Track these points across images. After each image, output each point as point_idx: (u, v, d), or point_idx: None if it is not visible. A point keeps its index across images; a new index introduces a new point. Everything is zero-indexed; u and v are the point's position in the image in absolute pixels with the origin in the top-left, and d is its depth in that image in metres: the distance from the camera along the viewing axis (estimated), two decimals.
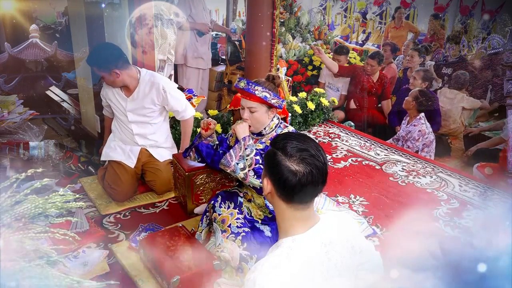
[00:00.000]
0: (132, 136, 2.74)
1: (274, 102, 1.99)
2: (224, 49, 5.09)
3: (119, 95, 2.70)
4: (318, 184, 1.18)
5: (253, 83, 1.98)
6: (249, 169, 1.98)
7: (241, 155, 1.98)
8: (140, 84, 2.66)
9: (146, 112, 2.69)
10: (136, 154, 2.74)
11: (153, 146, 2.80)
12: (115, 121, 2.81)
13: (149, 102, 2.67)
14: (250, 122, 2.05)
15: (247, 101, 2.01)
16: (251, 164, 1.98)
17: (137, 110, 2.68)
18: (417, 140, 3.74)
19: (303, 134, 1.28)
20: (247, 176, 1.98)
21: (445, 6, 7.64)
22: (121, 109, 2.71)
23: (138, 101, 2.67)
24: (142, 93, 2.66)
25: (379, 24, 7.89)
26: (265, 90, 1.97)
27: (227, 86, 4.76)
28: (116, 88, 2.68)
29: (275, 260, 1.15)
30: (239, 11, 6.70)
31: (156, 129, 2.78)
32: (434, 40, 6.52)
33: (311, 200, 1.21)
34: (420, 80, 4.19)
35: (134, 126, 2.72)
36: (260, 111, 2.02)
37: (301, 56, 5.37)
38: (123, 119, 2.73)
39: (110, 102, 2.75)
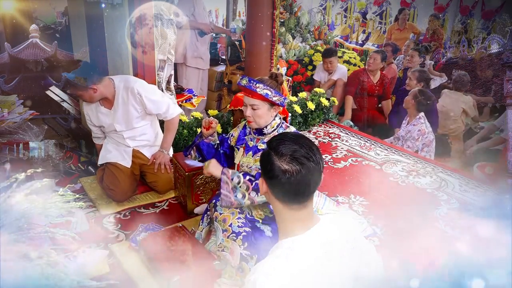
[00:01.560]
0: (123, 140, 2.74)
1: (276, 99, 2.00)
2: (224, 49, 5.09)
3: (101, 113, 2.67)
4: (310, 184, 1.18)
5: (254, 81, 1.99)
6: (249, 192, 1.99)
7: (233, 187, 1.99)
8: (117, 92, 2.63)
9: (132, 117, 2.67)
10: (130, 153, 2.75)
11: (145, 146, 2.80)
12: (105, 132, 2.82)
13: (131, 108, 2.64)
14: (252, 119, 2.06)
15: (249, 99, 2.03)
16: (248, 188, 1.99)
17: (123, 118, 2.66)
18: (417, 140, 3.74)
19: (298, 134, 1.28)
20: (253, 199, 1.99)
21: (445, 6, 7.64)
22: (109, 124, 2.69)
23: (120, 110, 2.64)
24: (122, 100, 2.63)
25: (379, 24, 7.89)
26: (267, 88, 1.98)
27: (227, 86, 4.76)
28: (97, 107, 2.66)
29: (275, 262, 1.15)
30: (239, 11, 6.69)
31: (145, 129, 2.78)
32: (434, 40, 6.52)
33: (305, 200, 1.21)
34: (415, 80, 4.20)
35: (124, 133, 2.71)
36: (262, 109, 2.03)
37: (301, 56, 5.37)
38: (112, 131, 2.73)
39: (98, 123, 2.72)
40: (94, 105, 2.68)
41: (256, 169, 2.07)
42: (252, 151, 2.14)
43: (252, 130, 2.18)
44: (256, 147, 2.13)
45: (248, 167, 2.11)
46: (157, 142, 2.86)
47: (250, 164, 2.11)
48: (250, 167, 2.10)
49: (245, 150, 2.18)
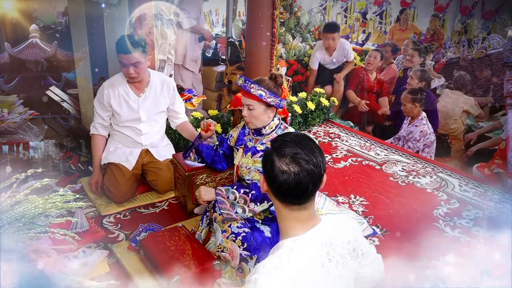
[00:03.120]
0: (138, 137, 2.71)
1: (270, 101, 2.00)
2: (224, 49, 5.09)
3: (128, 96, 2.60)
4: (308, 187, 1.18)
5: (250, 81, 2.00)
6: (248, 205, 1.99)
7: (231, 205, 2.01)
8: (151, 82, 2.64)
9: (158, 110, 2.70)
10: (136, 156, 2.73)
11: (154, 146, 2.80)
12: (115, 126, 2.72)
13: (162, 100, 2.68)
14: (248, 119, 2.07)
15: (246, 99, 2.04)
16: (246, 201, 2.00)
17: (150, 109, 2.66)
18: (418, 141, 3.75)
19: (302, 135, 1.28)
20: (253, 210, 2.00)
21: (445, 6, 7.64)
22: (130, 110, 2.62)
23: (150, 100, 2.65)
24: (154, 91, 2.65)
25: (379, 24, 7.89)
26: (261, 89, 1.98)
27: (227, 86, 4.76)
28: (126, 89, 2.59)
29: (276, 262, 1.15)
30: (239, 11, 6.69)
31: (160, 127, 2.81)
32: (434, 40, 6.52)
33: (304, 202, 1.21)
34: (417, 80, 4.19)
35: (143, 126, 2.69)
36: (258, 109, 2.03)
37: (301, 56, 5.37)
38: (131, 121, 2.66)
39: (118, 108, 2.60)
40: (122, 87, 2.59)
41: (255, 170, 2.07)
42: (251, 152, 2.14)
43: (251, 131, 2.18)
44: (254, 148, 2.13)
45: (247, 168, 2.11)
46: (163, 142, 2.88)
47: (249, 165, 2.11)
48: (249, 168, 2.10)
49: (244, 151, 2.18)
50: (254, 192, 1.99)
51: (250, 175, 2.08)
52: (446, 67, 5.40)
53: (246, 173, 2.11)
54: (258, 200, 1.99)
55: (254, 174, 2.06)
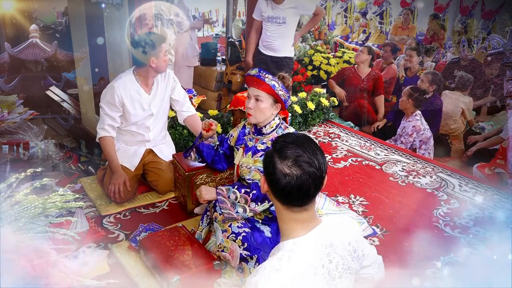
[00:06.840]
0: (145, 135, 2.72)
1: (281, 94, 2.03)
2: (224, 49, 5.10)
3: (140, 95, 2.60)
4: (310, 189, 1.17)
5: (264, 71, 2.03)
6: (248, 205, 2.00)
7: (232, 204, 2.02)
8: (157, 76, 2.67)
9: (164, 104, 2.73)
10: (140, 156, 2.73)
11: (158, 144, 2.81)
12: (122, 125, 2.70)
13: (167, 94, 2.72)
14: (252, 112, 2.06)
15: (255, 89, 2.04)
16: (247, 201, 2.00)
17: (158, 104, 2.69)
18: (410, 135, 3.73)
19: (303, 136, 1.27)
20: (254, 210, 2.00)
21: (445, 6, 7.63)
22: (143, 109, 2.63)
23: (158, 94, 2.68)
24: (161, 86, 2.69)
25: (379, 24, 7.89)
26: (275, 79, 2.03)
27: (227, 86, 4.77)
28: (138, 88, 2.59)
29: (277, 263, 1.15)
30: (239, 11, 6.70)
31: (164, 126, 2.85)
32: (434, 41, 6.52)
33: (305, 203, 1.20)
34: (427, 83, 4.11)
35: (152, 122, 2.70)
36: (266, 102, 2.04)
37: (301, 56, 5.37)
38: (139, 118, 2.65)
39: (130, 106, 2.58)
40: (134, 88, 2.58)
41: (256, 170, 2.07)
42: (251, 151, 2.14)
43: (251, 130, 2.18)
44: (255, 147, 2.13)
45: (248, 167, 2.11)
46: (166, 139, 2.91)
47: (250, 165, 2.11)
48: (250, 167, 2.10)
49: (244, 151, 2.18)
50: (255, 192, 1.99)
51: (250, 175, 2.08)
52: (446, 67, 5.40)
53: (247, 173, 2.11)
54: (259, 199, 1.99)
55: (255, 173, 2.06)
